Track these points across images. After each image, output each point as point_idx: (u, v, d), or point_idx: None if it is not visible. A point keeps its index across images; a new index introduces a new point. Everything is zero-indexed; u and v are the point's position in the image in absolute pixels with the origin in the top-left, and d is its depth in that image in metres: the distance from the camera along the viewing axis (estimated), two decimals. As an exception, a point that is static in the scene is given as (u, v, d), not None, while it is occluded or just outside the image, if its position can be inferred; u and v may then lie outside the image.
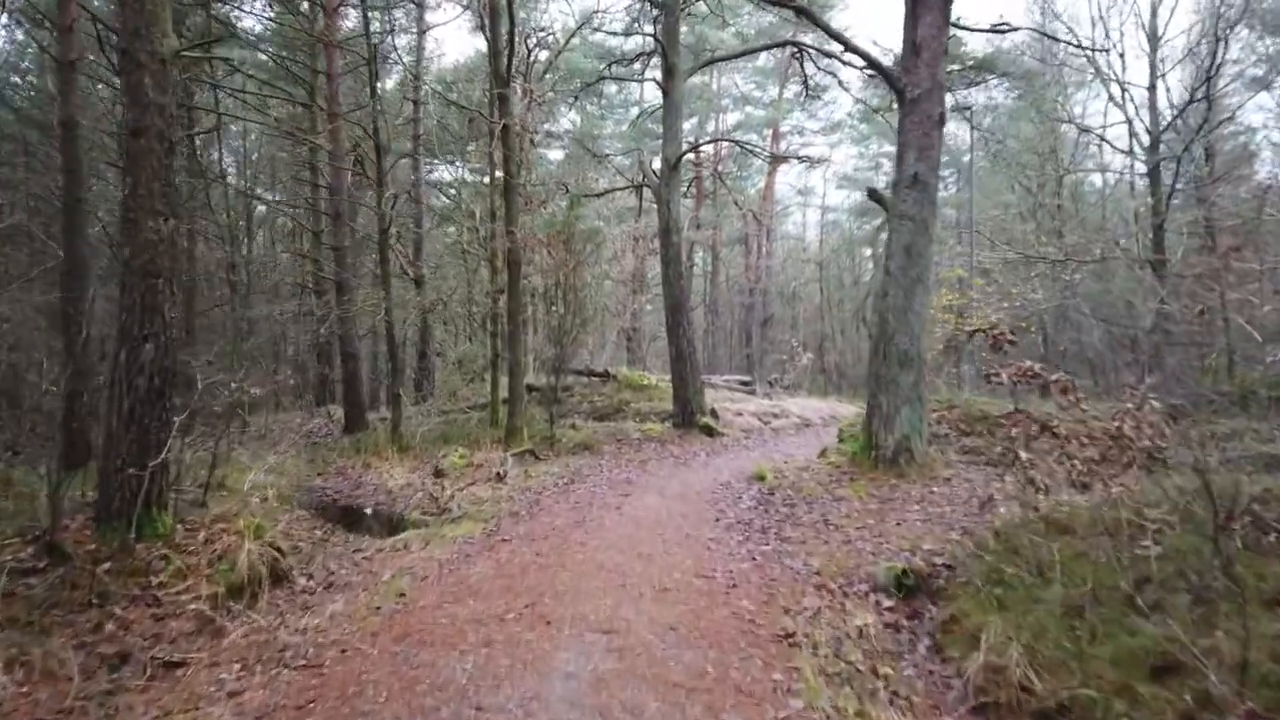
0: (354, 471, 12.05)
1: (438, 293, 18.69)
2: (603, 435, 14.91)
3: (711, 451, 13.08)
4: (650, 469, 11.11)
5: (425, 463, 12.34)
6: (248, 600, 5.07)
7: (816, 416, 17.86)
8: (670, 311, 15.39)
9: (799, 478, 9.31)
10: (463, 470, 11.42)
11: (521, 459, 12.57)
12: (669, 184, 15.33)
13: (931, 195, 8.93)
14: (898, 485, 8.44)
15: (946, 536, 6.55)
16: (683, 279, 15.46)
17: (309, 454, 13.61)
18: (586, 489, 9.68)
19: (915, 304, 8.86)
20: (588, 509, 8.38)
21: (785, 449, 13.38)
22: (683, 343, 15.22)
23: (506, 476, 10.69)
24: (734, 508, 8.34)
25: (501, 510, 8.60)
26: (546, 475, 10.74)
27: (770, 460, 11.78)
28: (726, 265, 38.93)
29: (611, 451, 13.27)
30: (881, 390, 8.98)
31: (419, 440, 13.76)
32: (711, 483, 9.87)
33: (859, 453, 9.35)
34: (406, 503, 9.96)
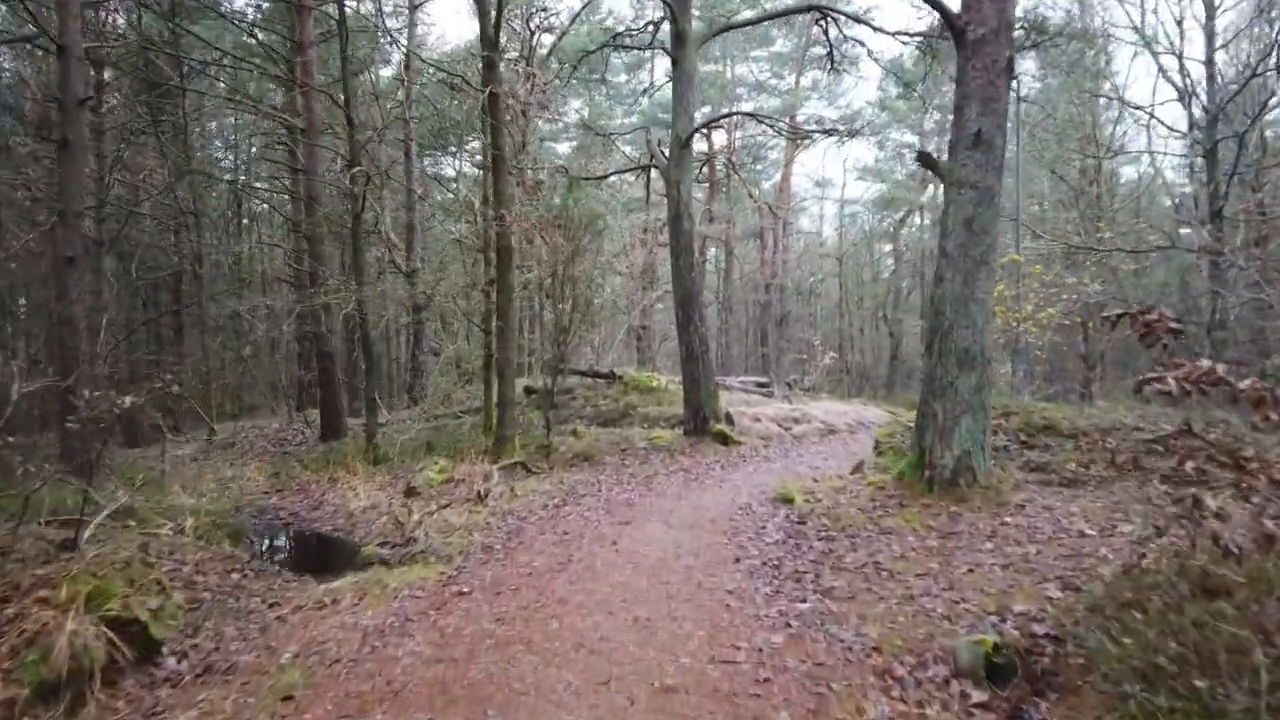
0: (317, 488, 10.56)
1: (430, 287, 17.15)
2: (605, 444, 13.35)
3: (727, 464, 11.49)
4: (656, 487, 9.54)
5: (400, 478, 10.84)
6: (69, 703, 3.55)
7: (841, 422, 16.23)
8: (680, 305, 13.82)
9: (834, 501, 7.71)
10: (439, 487, 9.89)
11: (511, 473, 11.03)
12: (679, 164, 13.76)
13: (997, 158, 7.31)
14: (959, 514, 6.84)
15: (1042, 591, 4.97)
16: (695, 270, 13.90)
17: (276, 465, 12.12)
18: (579, 514, 8.11)
19: (978, 291, 7.25)
20: (577, 543, 6.82)
21: (811, 460, 11.77)
22: (694, 340, 13.64)
23: (488, 496, 9.15)
24: (757, 542, 6.75)
25: (472, 543, 7.05)
26: (535, 494, 9.19)
27: (796, 475, 10.19)
28: (741, 261, 37.31)
29: (614, 464, 11.71)
30: (936, 396, 7.37)
31: (398, 451, 12.25)
32: (728, 505, 8.29)
33: (906, 471, 7.73)
34: (368, 529, 8.45)
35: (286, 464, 12.05)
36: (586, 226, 12.74)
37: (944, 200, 7.52)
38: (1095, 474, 8.01)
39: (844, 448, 13.22)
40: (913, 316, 34.80)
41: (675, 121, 13.84)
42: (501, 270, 11.73)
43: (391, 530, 8.20)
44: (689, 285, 13.76)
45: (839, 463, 11.40)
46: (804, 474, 10.37)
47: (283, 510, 9.44)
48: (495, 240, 11.70)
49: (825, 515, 7.29)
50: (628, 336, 30.95)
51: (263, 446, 14.09)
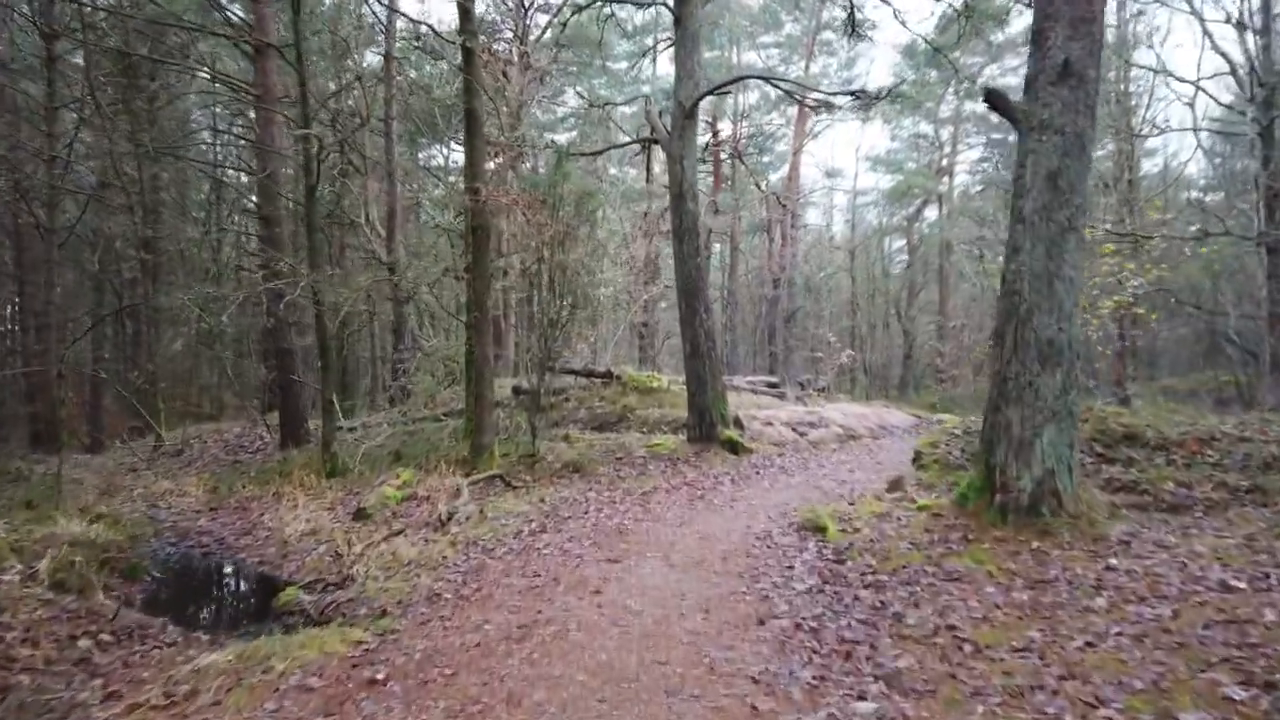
0: (258, 506, 9.00)
1: (401, 275, 15.60)
2: (599, 452, 11.79)
3: (739, 477, 9.91)
4: (655, 508, 7.95)
5: (355, 494, 9.28)
6: None
7: (862, 426, 14.65)
8: (684, 296, 12.23)
9: (878, 532, 6.12)
10: (397, 507, 8.33)
11: (485, 488, 9.48)
12: (682, 137, 12.18)
13: (1090, 94, 5.73)
14: (1046, 553, 5.25)
15: (1214, 688, 3.41)
16: (700, 256, 12.33)
17: (220, 478, 10.56)
18: (559, 545, 6.54)
19: (1064, 265, 5.67)
20: (550, 591, 5.24)
21: (835, 473, 10.19)
22: (700, 335, 12.07)
23: (452, 519, 7.58)
24: (785, 590, 5.17)
25: (417, 589, 5.48)
26: (509, 518, 7.61)
27: (821, 493, 8.61)
28: (746, 256, 35.67)
29: (607, 476, 10.15)
30: (1010, 400, 5.78)
31: (359, 460, 10.68)
32: (743, 534, 6.71)
33: (969, 494, 6.14)
34: (300, 561, 6.89)
35: (231, 476, 10.48)
36: (577, 206, 11.15)
37: (1019, 151, 5.93)
38: (1202, 497, 6.44)
39: (870, 457, 11.64)
40: (926, 314, 33.21)
41: (678, 88, 12.27)
42: (477, 253, 10.16)
43: (327, 565, 6.64)
44: (693, 273, 12.19)
45: (868, 476, 9.83)
46: (830, 490, 8.79)
47: (207, 535, 7.89)
48: (470, 218, 10.12)
49: (869, 551, 5.71)
50: (629, 334, 29.36)
51: (214, 455, 12.54)
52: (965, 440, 8.38)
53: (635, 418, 14.88)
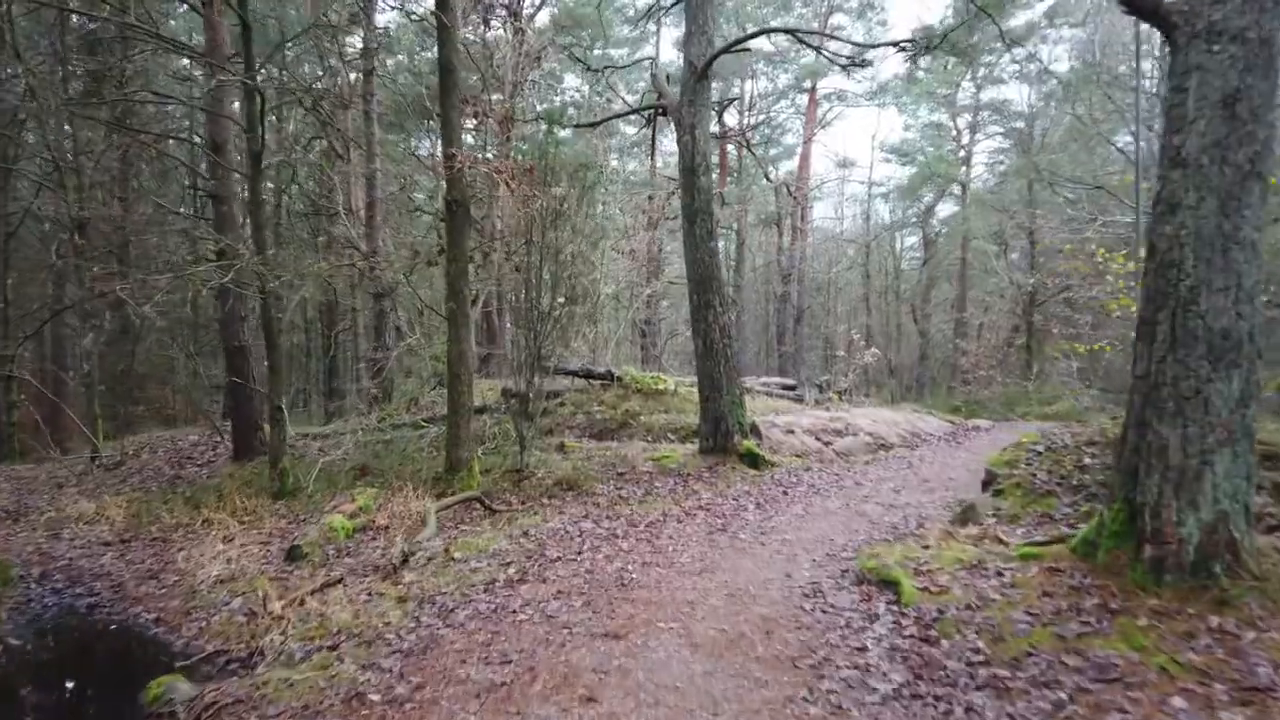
0: (180, 537, 7.39)
1: (387, 267, 14.00)
2: (597, 466, 10.19)
3: (764, 498, 8.29)
4: (666, 543, 6.33)
5: (302, 520, 7.68)
6: None
7: (894, 434, 13.03)
8: (695, 286, 10.62)
9: (973, 592, 4.49)
10: (345, 543, 6.71)
11: (460, 514, 7.89)
12: (694, 102, 10.58)
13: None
14: (1236, 637, 3.64)
15: None
16: (713, 240, 10.71)
17: (147, 499, 8.95)
18: (542, 606, 4.92)
19: (1245, 226, 4.06)
20: (523, 698, 3.62)
21: (878, 493, 8.55)
22: (713, 332, 10.45)
23: (410, 561, 5.96)
24: (861, 694, 3.56)
25: (335, 686, 3.86)
26: (482, 560, 5.98)
27: (869, 523, 7.00)
28: (753, 253, 34.05)
29: (607, 497, 8.55)
30: (1165, 415, 4.16)
31: (315, 476, 9.07)
32: (784, 588, 5.09)
33: (1099, 541, 4.50)
34: (204, 622, 5.27)
35: (161, 497, 8.86)
36: (571, 178, 9.54)
37: (1174, 69, 4.30)
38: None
39: (911, 473, 10.01)
40: (941, 312, 31.58)
41: (688, 45, 10.66)
42: (453, 232, 8.56)
43: (237, 629, 5.03)
44: (706, 259, 10.58)
45: (918, 498, 8.21)
46: (879, 519, 7.17)
47: (104, 580, 6.26)
48: (446, 190, 8.52)
49: (971, 625, 4.09)
50: (631, 332, 27.75)
51: (155, 469, 10.92)
52: (1051, 460, 6.75)
53: (639, 424, 13.29)
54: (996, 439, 13.24)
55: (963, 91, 30.64)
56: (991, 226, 25.30)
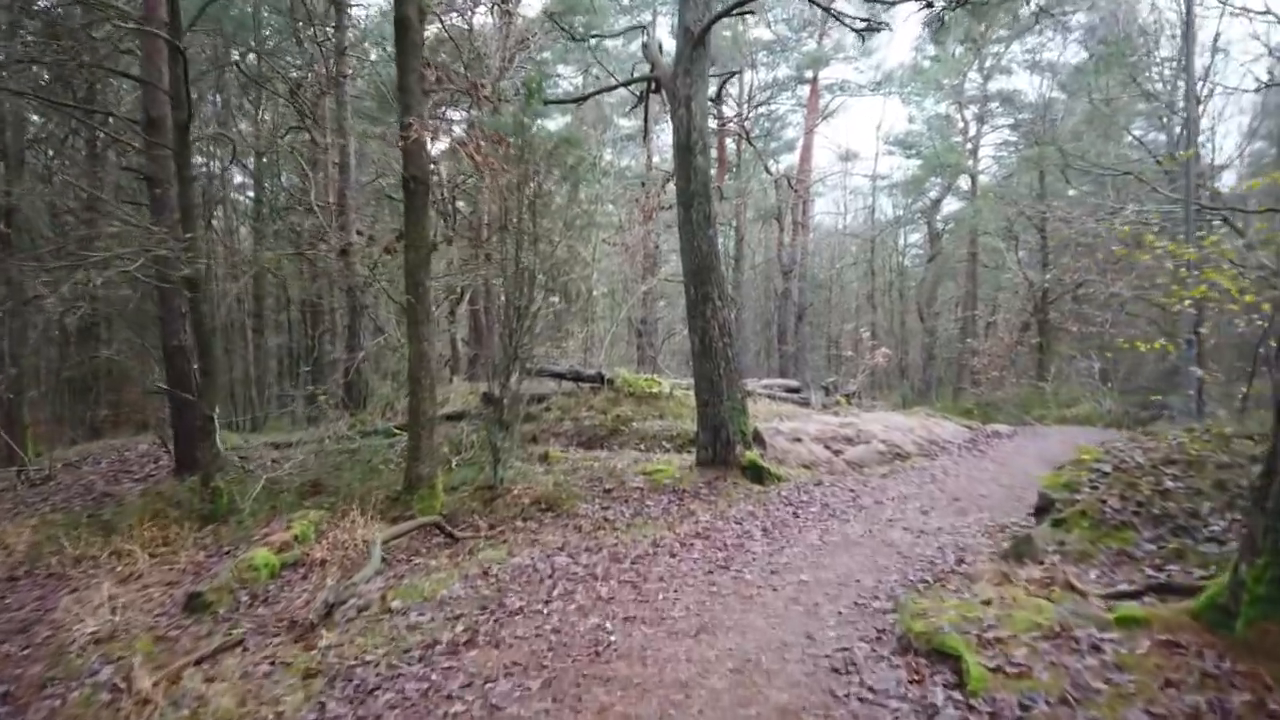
0: (80, 573, 6.21)
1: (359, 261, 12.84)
2: (582, 480, 9.04)
3: (771, 522, 7.13)
4: (656, 588, 5.16)
5: (228, 550, 6.51)
6: None
7: (909, 442, 11.86)
8: (693, 278, 9.45)
9: (1066, 677, 3.32)
10: (267, 582, 5.54)
11: (414, 543, 6.73)
12: (690, 71, 9.42)
13: None
14: None
15: None
16: (712, 227, 9.55)
17: (59, 523, 7.75)
18: (486, 681, 3.76)
19: None
20: None
21: (902, 514, 7.39)
22: (712, 329, 9.29)
23: (335, 613, 4.79)
24: None
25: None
26: (426, 611, 4.81)
27: (900, 556, 5.84)
28: (753, 250, 32.84)
29: (590, 521, 7.41)
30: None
31: (256, 496, 7.89)
32: (806, 659, 3.93)
33: (1242, 607, 3.34)
34: (60, 701, 4.09)
35: (73, 522, 7.66)
36: (552, 159, 8.38)
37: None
38: None
39: (936, 487, 8.85)
40: (946, 312, 30.41)
41: (684, 9, 9.51)
42: (412, 212, 7.39)
43: (96, 713, 3.85)
44: (704, 248, 9.41)
45: (952, 522, 7.07)
46: (910, 550, 6.02)
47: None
48: (403, 165, 7.35)
49: (1074, 733, 2.93)
50: (627, 331, 26.58)
51: (87, 484, 9.73)
52: (1122, 483, 5.58)
53: (630, 431, 12.14)
54: (1022, 447, 12.10)
55: (969, 82, 29.52)
56: (1002, 220, 24.15)
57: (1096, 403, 17.43)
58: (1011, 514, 7.39)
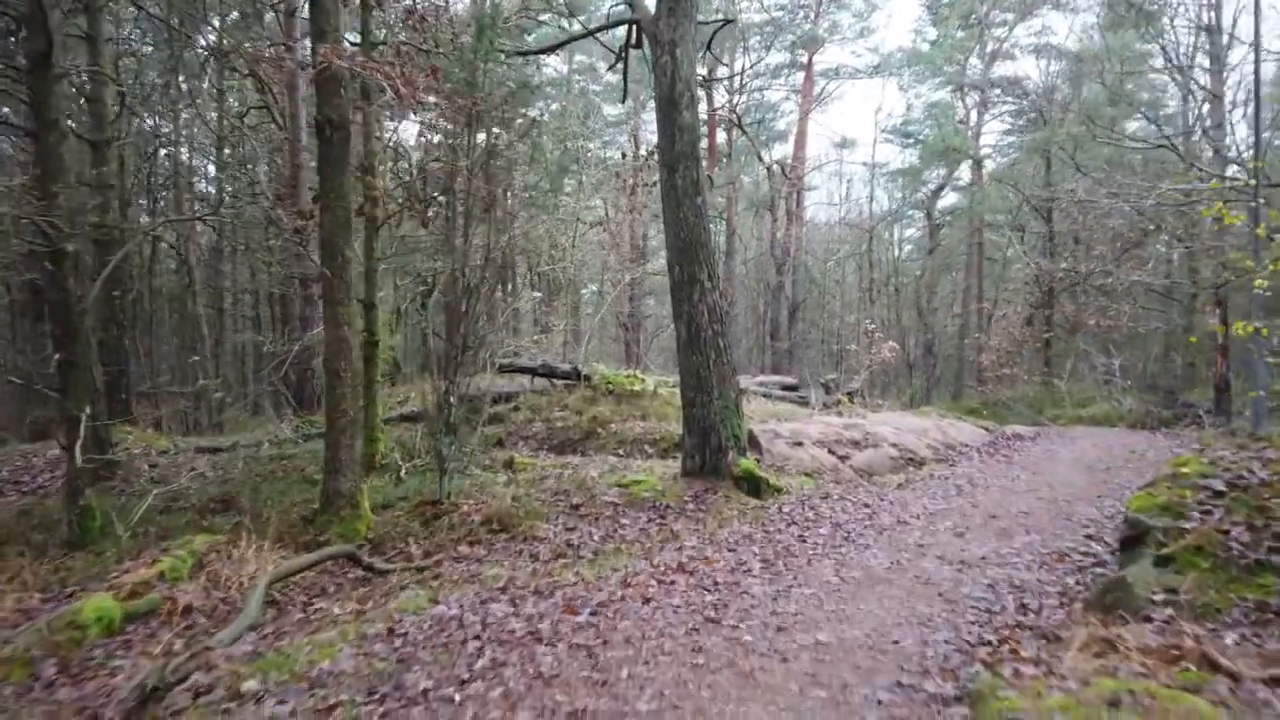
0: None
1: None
2: (547, 494, 7.63)
3: (773, 551, 5.72)
4: (616, 657, 3.73)
5: (73, 593, 5.05)
6: None
7: (923, 446, 10.49)
8: (677, 255, 8.04)
9: None
10: (96, 639, 4.11)
11: (329, 578, 5.31)
12: (674, 10, 8.01)
13: None
14: None
15: None
16: (701, 196, 8.15)
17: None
18: None
19: None
20: None
21: (933, 539, 5.98)
22: (700, 315, 7.89)
23: (162, 697, 3.35)
24: None
25: None
26: (289, 698, 3.36)
27: (944, 601, 4.45)
28: (745, 244, 31.39)
29: (548, 548, 6.02)
30: None
31: (140, 515, 6.44)
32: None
33: None
34: None
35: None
36: (507, 107, 6.95)
37: None
38: None
39: (968, 501, 7.46)
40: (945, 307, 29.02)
41: (668, -61, 8.09)
42: (326, 166, 5.95)
43: None
44: (691, 219, 8.01)
45: (995, 546, 5.68)
46: (953, 589, 4.64)
47: None
48: (316, 105, 5.91)
49: None
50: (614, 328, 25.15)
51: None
52: (1244, 506, 4.18)
53: (608, 434, 10.73)
54: (1051, 451, 10.74)
55: (971, 69, 28.19)
56: (1009, 207, 22.84)
57: (1115, 401, 16.10)
58: (1064, 536, 6.02)
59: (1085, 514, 6.79)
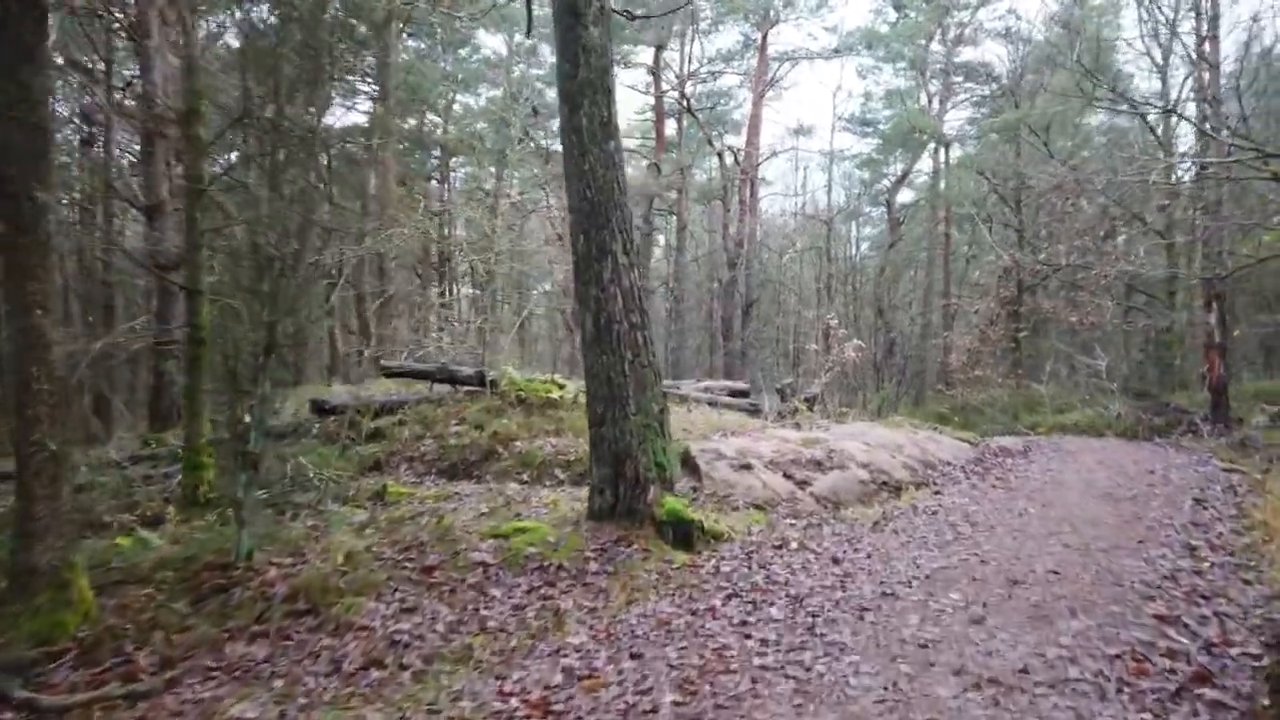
0: None
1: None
2: (393, 551, 5.44)
3: (701, 656, 3.67)
4: None
5: None
6: None
7: (899, 466, 8.54)
8: (582, 219, 5.97)
9: None
10: None
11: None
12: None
13: None
14: None
15: None
16: (614, 140, 6.09)
17: None
18: None
19: None
20: None
21: (945, 627, 3.96)
22: (611, 300, 5.81)
23: None
24: None
25: None
26: None
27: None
28: (696, 241, 29.44)
29: (358, 651, 3.99)
30: None
31: None
32: None
33: None
34: None
35: None
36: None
37: None
38: None
39: (970, 551, 5.47)
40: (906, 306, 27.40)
41: None
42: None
43: None
44: (599, 170, 5.94)
45: (1031, 642, 3.69)
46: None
47: None
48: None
49: None
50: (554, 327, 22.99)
51: None
52: None
53: (513, 454, 8.63)
54: (1051, 471, 8.87)
55: (933, 55, 26.64)
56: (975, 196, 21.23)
57: (1101, 407, 14.43)
58: (1125, 617, 4.09)
59: (1136, 574, 4.87)
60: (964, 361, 17.34)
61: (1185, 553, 5.30)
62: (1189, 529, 5.94)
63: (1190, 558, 5.19)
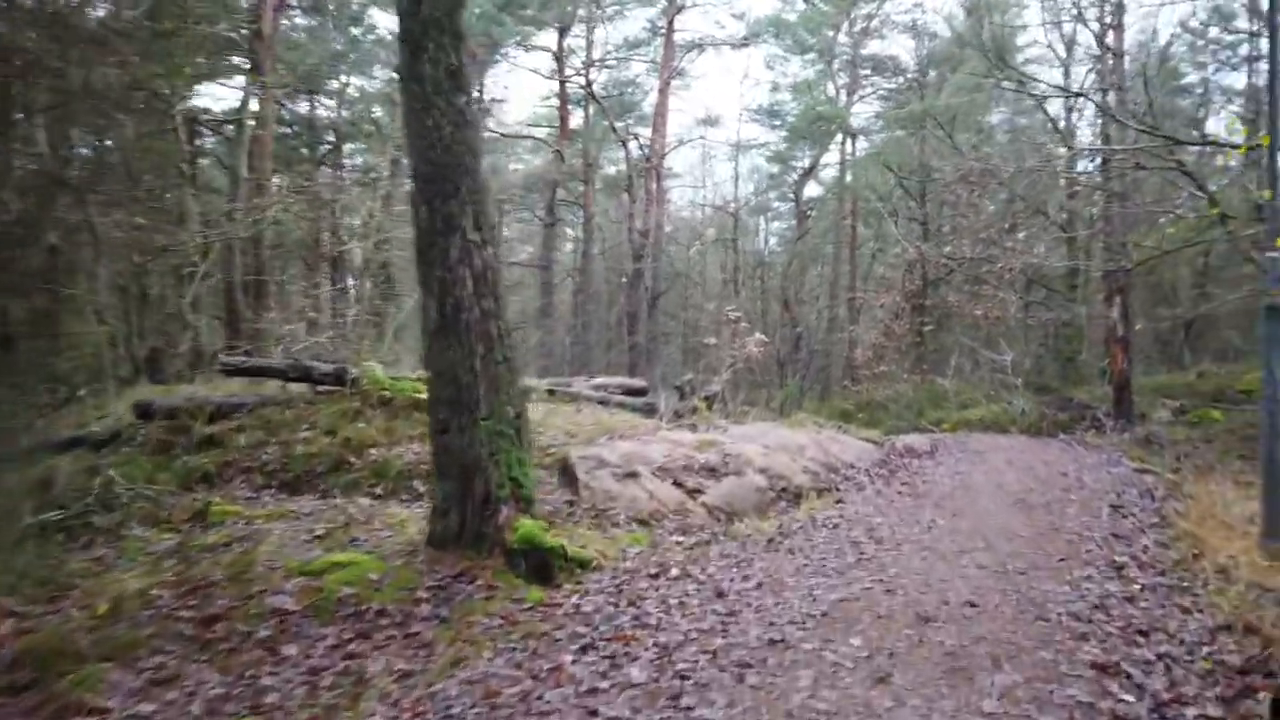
0: None
1: None
2: (172, 597, 4.30)
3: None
4: None
5: None
6: None
7: (799, 470, 7.85)
8: (424, 186, 4.96)
9: None
10: None
11: None
12: None
13: None
14: None
15: None
16: (465, 94, 5.12)
17: None
18: None
19: None
20: None
21: (848, 695, 3.16)
22: (459, 283, 4.82)
23: None
24: None
25: None
26: None
27: None
28: (603, 234, 28.46)
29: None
30: None
31: None
32: None
33: None
34: None
35: None
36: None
37: None
38: None
39: (873, 577, 4.71)
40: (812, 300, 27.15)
41: None
42: None
43: None
44: (448, 133, 4.93)
45: (948, 711, 2.89)
46: None
47: None
48: None
49: None
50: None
51: None
52: None
53: (366, 463, 7.54)
54: (960, 473, 8.32)
55: (840, 46, 26.41)
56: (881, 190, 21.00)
57: (1007, 403, 14.20)
58: (1060, 667, 3.36)
59: (1062, 602, 4.19)
60: (869, 356, 16.99)
61: (1112, 573, 4.68)
62: (1111, 542, 5.36)
63: (1118, 579, 4.56)
